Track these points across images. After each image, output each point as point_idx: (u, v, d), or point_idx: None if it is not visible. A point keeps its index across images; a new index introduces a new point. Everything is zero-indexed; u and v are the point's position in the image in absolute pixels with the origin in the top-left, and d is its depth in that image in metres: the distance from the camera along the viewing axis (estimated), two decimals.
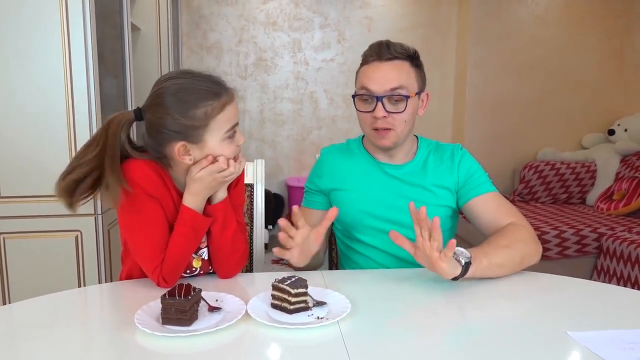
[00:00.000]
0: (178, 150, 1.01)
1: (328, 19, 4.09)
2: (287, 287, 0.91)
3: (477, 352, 0.79)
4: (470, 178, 1.30)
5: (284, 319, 0.89)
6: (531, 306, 1.00)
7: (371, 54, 1.25)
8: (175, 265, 1.06)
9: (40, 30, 1.70)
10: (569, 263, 2.90)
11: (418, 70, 1.27)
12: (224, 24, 4.00)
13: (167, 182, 1.09)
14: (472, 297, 1.02)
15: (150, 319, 0.86)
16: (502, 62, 3.99)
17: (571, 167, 3.77)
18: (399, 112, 1.23)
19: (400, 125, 1.24)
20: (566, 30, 4.00)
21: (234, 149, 1.05)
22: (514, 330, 0.87)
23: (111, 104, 2.20)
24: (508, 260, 1.10)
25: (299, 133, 4.22)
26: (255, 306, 0.92)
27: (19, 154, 1.74)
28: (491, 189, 1.29)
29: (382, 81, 1.22)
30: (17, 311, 0.97)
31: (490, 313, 0.96)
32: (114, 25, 2.21)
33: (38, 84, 1.72)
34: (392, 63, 1.23)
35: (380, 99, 1.22)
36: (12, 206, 1.76)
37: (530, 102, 4.05)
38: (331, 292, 0.99)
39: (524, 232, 1.18)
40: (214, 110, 0.99)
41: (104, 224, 1.85)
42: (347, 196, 1.33)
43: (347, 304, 0.93)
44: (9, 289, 1.80)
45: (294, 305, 0.91)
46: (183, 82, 1.01)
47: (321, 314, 0.90)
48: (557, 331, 0.86)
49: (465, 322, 0.93)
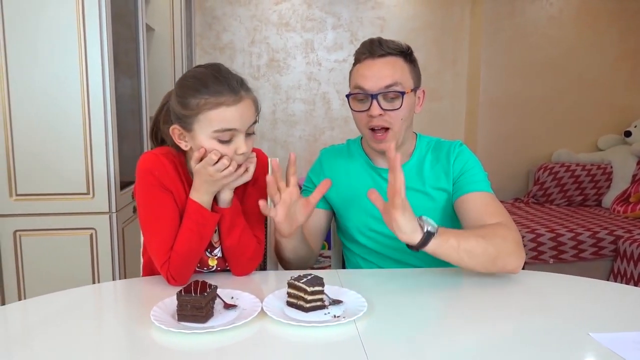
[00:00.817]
0: (173, 131, 1.04)
1: (340, 20, 4.09)
2: (304, 285, 0.90)
3: (498, 354, 0.78)
4: (464, 175, 1.23)
5: (300, 316, 0.88)
6: (552, 307, 0.98)
7: (363, 51, 1.21)
8: (183, 262, 1.04)
9: (57, 30, 1.72)
10: (585, 266, 2.86)
11: (412, 66, 1.23)
12: (236, 25, 4.02)
13: (182, 173, 1.10)
14: (491, 297, 1.00)
15: (166, 315, 0.86)
16: (515, 62, 3.95)
17: (587, 168, 3.72)
18: (395, 109, 1.18)
19: (397, 123, 1.19)
20: (580, 30, 3.95)
21: (229, 151, 1.00)
22: (536, 331, 0.86)
23: (126, 104, 2.22)
24: (479, 250, 1.01)
25: (311, 134, 4.21)
26: (271, 304, 0.92)
27: (35, 153, 1.76)
28: (483, 189, 1.21)
29: (375, 78, 1.17)
30: (31, 307, 0.98)
31: (510, 313, 0.95)
32: (129, 26, 2.23)
33: (54, 84, 1.74)
34: (385, 59, 1.19)
35: (375, 97, 1.17)
36: (28, 204, 1.78)
37: (545, 103, 4.00)
38: (347, 291, 0.98)
39: (507, 232, 1.08)
40: (206, 104, 0.97)
41: (118, 222, 1.86)
42: (347, 201, 1.31)
43: (363, 302, 0.92)
44: (25, 285, 1.82)
45: (310, 303, 0.90)
46: (199, 71, 1.02)
47: (337, 313, 0.90)
48: (580, 333, 0.84)
49: (485, 322, 0.91)
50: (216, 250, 1.15)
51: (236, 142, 1.00)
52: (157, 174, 1.05)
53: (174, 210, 1.06)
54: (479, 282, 1.05)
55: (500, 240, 1.04)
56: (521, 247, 1.08)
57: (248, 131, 1.03)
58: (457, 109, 4.21)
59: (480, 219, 1.14)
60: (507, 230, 1.08)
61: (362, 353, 0.76)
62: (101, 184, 1.80)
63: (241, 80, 1.02)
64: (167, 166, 1.07)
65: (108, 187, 1.81)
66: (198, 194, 1.05)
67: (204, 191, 1.04)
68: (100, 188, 1.80)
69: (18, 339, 0.84)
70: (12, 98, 1.72)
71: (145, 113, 2.28)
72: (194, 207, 1.04)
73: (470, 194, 1.20)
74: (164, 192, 1.06)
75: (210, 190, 1.05)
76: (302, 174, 4.24)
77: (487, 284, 1.06)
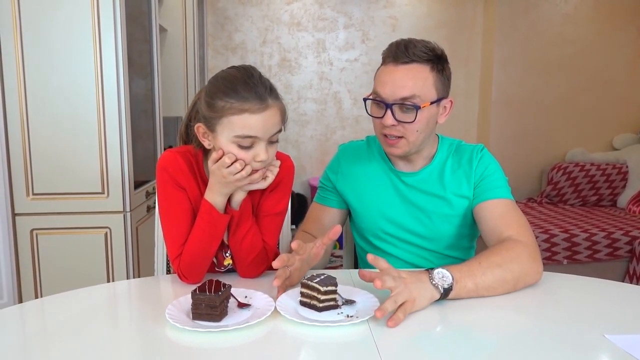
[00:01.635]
0: (197, 129, 1.05)
1: (352, 19, 4.08)
2: (317, 284, 0.90)
3: (513, 355, 0.77)
4: (484, 180, 1.20)
5: (314, 316, 0.88)
6: (567, 308, 0.97)
7: (388, 54, 1.16)
8: (193, 259, 1.06)
9: (72, 32, 1.75)
10: (600, 267, 2.83)
11: (439, 76, 1.15)
12: (248, 25, 4.03)
13: (197, 171, 1.11)
14: (506, 298, 1.00)
15: (181, 313, 0.87)
16: (529, 61, 3.91)
17: (601, 168, 3.68)
18: (409, 122, 1.13)
19: (413, 135, 1.15)
20: (596, 28, 3.90)
21: (247, 157, 1.00)
22: (551, 332, 0.85)
23: (139, 104, 2.24)
24: (498, 283, 0.99)
25: (323, 133, 4.22)
26: (284, 303, 0.92)
27: (51, 153, 1.78)
28: (503, 195, 1.17)
29: (393, 88, 1.12)
30: (48, 306, 0.99)
31: (525, 314, 0.94)
32: (143, 27, 2.25)
33: (70, 85, 1.76)
34: (408, 67, 1.12)
35: (389, 107, 1.13)
36: (44, 203, 1.81)
37: (559, 102, 3.96)
38: (360, 291, 0.98)
39: (520, 249, 1.04)
40: (231, 108, 0.97)
41: (132, 221, 1.88)
42: (363, 203, 1.29)
43: (375, 302, 0.92)
44: (41, 283, 1.85)
45: (323, 303, 0.90)
46: (231, 73, 1.02)
47: (350, 312, 0.90)
48: (595, 334, 0.83)
49: (500, 324, 0.91)
50: None
51: (256, 149, 1.00)
52: (171, 171, 1.08)
53: (186, 207, 1.09)
54: None
55: (516, 265, 1.02)
56: (537, 260, 1.06)
57: (271, 139, 1.02)
58: (469, 108, 4.18)
59: (497, 229, 1.12)
60: (521, 248, 1.05)
61: (375, 353, 0.76)
62: (115, 184, 1.82)
63: (270, 88, 1.01)
64: (181, 164, 1.09)
65: (122, 187, 1.83)
66: (211, 194, 1.06)
67: (217, 192, 1.05)
68: (114, 187, 1.82)
69: (34, 337, 0.85)
70: (29, 99, 1.75)
71: (158, 113, 2.30)
72: (205, 207, 1.05)
73: (488, 202, 1.17)
74: (177, 190, 1.08)
75: (224, 191, 1.05)
76: (315, 174, 4.25)
77: None
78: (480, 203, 1.18)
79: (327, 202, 1.34)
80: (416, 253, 1.27)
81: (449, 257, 1.26)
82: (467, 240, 1.29)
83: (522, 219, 1.14)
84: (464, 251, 1.29)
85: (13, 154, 1.77)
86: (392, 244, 1.28)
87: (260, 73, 1.03)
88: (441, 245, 1.26)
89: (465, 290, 0.97)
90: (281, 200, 1.16)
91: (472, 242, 1.32)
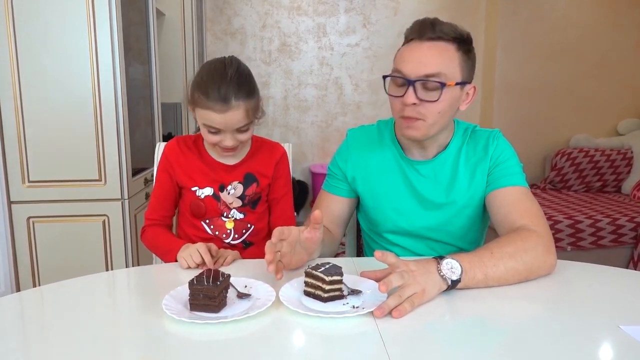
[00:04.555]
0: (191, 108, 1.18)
1: (353, 3, 4.01)
2: (321, 274, 0.87)
3: (524, 346, 0.74)
4: (498, 167, 1.14)
5: (318, 307, 0.85)
6: (580, 298, 0.94)
7: (412, 32, 1.09)
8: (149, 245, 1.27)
9: (66, 17, 1.69)
10: (604, 253, 2.80)
11: (465, 58, 1.09)
12: (248, 9, 3.96)
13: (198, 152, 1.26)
14: (516, 288, 0.97)
15: (178, 304, 0.84)
16: (532, 45, 3.84)
17: (606, 154, 3.63)
18: (431, 100, 1.06)
19: (433, 117, 1.08)
20: (600, 12, 3.82)
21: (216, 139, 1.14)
22: (564, 323, 0.82)
23: (137, 90, 2.20)
24: (509, 274, 0.95)
25: (324, 119, 4.17)
26: (288, 293, 0.89)
27: (46, 139, 1.75)
28: (517, 183, 1.12)
29: (417, 64, 1.05)
30: (47, 294, 0.97)
31: (536, 304, 0.91)
32: (140, 12, 2.19)
33: (64, 71, 1.72)
34: (434, 44, 1.06)
35: (412, 83, 1.05)
36: (40, 191, 1.77)
37: (562, 87, 3.90)
38: (366, 281, 0.95)
39: (535, 240, 0.99)
40: (199, 103, 1.11)
41: (130, 209, 1.85)
42: (373, 194, 1.24)
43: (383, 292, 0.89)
44: (39, 271, 1.82)
45: (328, 293, 0.87)
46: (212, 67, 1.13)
47: (357, 303, 0.86)
48: (610, 325, 0.80)
49: (511, 314, 0.88)
50: (232, 212, 1.24)
51: (221, 136, 1.14)
52: (164, 155, 1.25)
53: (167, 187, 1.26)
54: None
55: (530, 257, 0.97)
56: (552, 252, 1.01)
57: (239, 129, 1.14)
58: None
59: (510, 217, 1.07)
60: (534, 238, 1.00)
61: (381, 345, 0.73)
62: (113, 171, 1.79)
63: (237, 90, 1.09)
64: (175, 150, 1.25)
65: (120, 174, 1.79)
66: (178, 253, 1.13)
67: None
68: (112, 175, 1.79)
69: (33, 326, 0.83)
70: (23, 85, 1.71)
71: (156, 99, 2.26)
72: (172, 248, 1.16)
73: (502, 190, 1.11)
74: (164, 173, 1.25)
75: None
76: (316, 161, 4.21)
77: None
78: (494, 191, 1.13)
79: (336, 191, 1.29)
80: (425, 244, 1.23)
81: (458, 248, 1.22)
82: (478, 232, 1.25)
83: (537, 207, 1.09)
84: (474, 243, 1.25)
85: (8, 141, 1.73)
86: (400, 234, 1.23)
87: (236, 70, 1.11)
88: (451, 237, 1.21)
89: (475, 281, 0.93)
90: (287, 181, 1.33)
91: (482, 233, 1.27)
